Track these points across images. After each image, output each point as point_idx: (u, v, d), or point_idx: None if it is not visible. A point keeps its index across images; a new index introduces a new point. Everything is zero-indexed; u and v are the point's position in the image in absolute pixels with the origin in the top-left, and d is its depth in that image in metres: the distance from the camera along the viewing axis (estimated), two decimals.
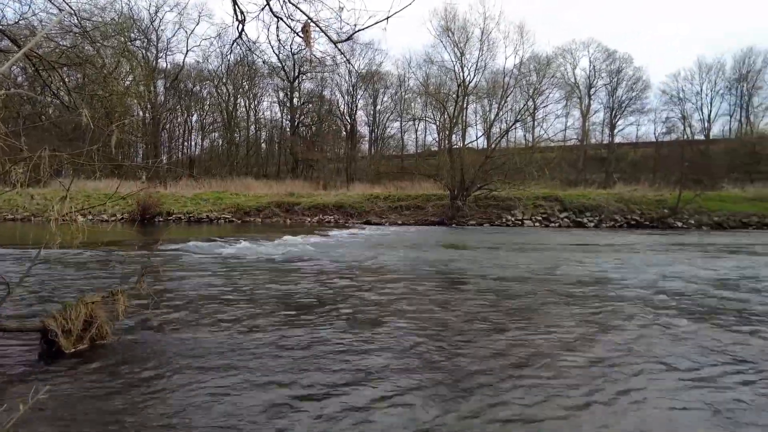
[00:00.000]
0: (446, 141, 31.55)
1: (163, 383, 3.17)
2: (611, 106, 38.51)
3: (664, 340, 4.35)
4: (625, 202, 24.57)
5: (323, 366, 3.56)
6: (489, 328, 4.71)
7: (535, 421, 2.77)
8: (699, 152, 32.98)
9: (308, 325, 4.71)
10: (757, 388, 3.29)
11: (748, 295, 6.45)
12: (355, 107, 40.77)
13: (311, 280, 7.36)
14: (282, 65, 36.82)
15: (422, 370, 3.56)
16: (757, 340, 4.42)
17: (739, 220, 22.94)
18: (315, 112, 41.32)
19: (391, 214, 25.27)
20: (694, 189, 24.26)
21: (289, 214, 25.77)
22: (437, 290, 6.87)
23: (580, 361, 3.78)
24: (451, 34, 31.20)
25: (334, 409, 2.85)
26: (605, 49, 38.05)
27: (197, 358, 3.65)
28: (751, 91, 37.06)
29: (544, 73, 32.41)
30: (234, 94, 40.63)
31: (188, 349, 3.88)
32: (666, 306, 5.75)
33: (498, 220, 24.10)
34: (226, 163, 38.42)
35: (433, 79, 36.24)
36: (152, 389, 3.08)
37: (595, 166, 37.04)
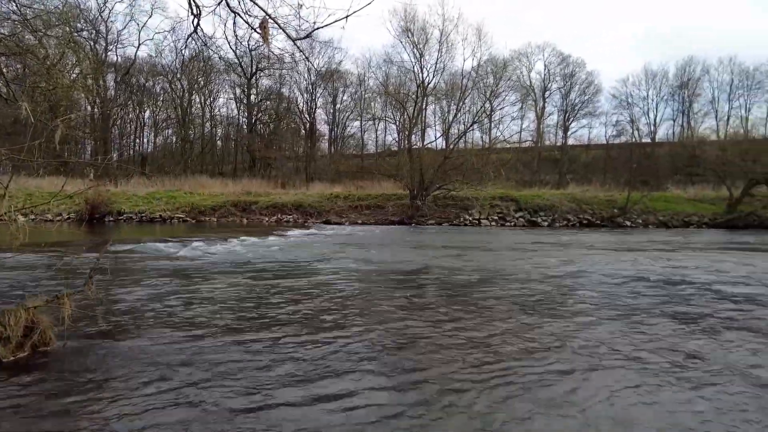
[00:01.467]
0: (406, 141, 31.75)
1: (111, 392, 3.03)
2: (564, 109, 39.78)
3: (625, 338, 4.52)
4: (578, 202, 25.43)
5: (277, 369, 3.49)
6: (445, 326, 4.76)
7: (495, 420, 2.81)
8: (646, 154, 34.53)
9: (264, 327, 4.62)
10: (695, 378, 3.46)
11: (676, 291, 6.80)
12: (314, 105, 40.40)
13: (268, 281, 7.23)
14: (239, 61, 36.08)
15: (378, 369, 3.55)
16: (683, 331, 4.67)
17: (682, 219, 24.17)
18: (273, 109, 40.64)
19: (351, 214, 25.19)
20: (641, 190, 25.37)
21: (245, 213, 25.25)
22: (395, 290, 6.89)
23: (525, 353, 3.88)
24: (410, 35, 31.39)
25: (286, 412, 2.81)
26: (559, 53, 39.29)
27: (148, 365, 3.51)
28: (691, 97, 39.15)
29: (501, 75, 33.08)
30: (189, 90, 39.43)
31: (139, 355, 3.73)
32: (618, 304, 5.98)
33: (456, 219, 24.44)
34: (180, 161, 37.24)
35: (392, 79, 36.38)
36: (98, 398, 2.93)
37: (549, 167, 38.15)
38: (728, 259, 10.79)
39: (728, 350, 4.15)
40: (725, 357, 3.96)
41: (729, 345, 4.29)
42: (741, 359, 3.92)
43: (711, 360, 3.87)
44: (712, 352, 4.06)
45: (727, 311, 5.57)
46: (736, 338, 4.50)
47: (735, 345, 4.29)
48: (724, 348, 4.21)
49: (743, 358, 3.94)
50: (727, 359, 3.90)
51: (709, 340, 4.41)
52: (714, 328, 4.84)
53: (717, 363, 3.80)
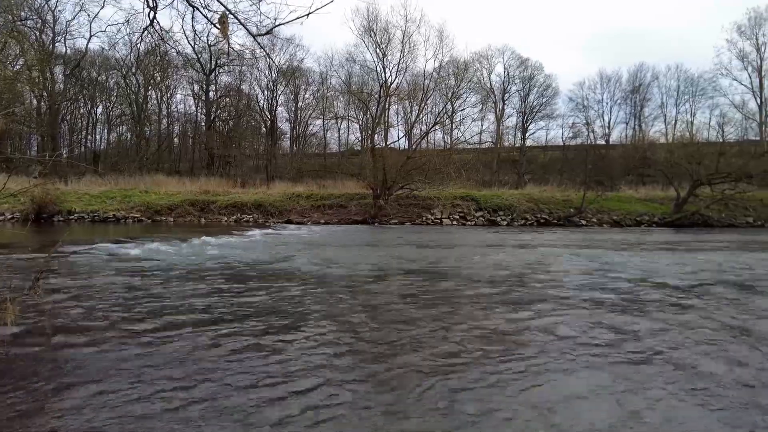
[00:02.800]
0: (369, 141, 31.77)
1: (57, 402, 2.89)
2: (523, 111, 40.67)
3: (581, 332, 4.65)
4: (535, 201, 26.09)
5: (234, 372, 3.42)
6: (406, 323, 4.78)
7: (457, 415, 2.84)
8: (600, 156, 35.77)
9: (220, 329, 4.52)
10: (645, 363, 3.61)
11: (633, 286, 7.09)
12: (275, 103, 39.80)
13: (225, 282, 7.08)
14: (198, 57, 35.13)
15: (339, 368, 3.53)
16: (642, 321, 4.87)
17: (634, 218, 25.19)
18: (233, 106, 39.77)
19: (313, 213, 24.97)
20: (596, 190, 26.27)
21: (204, 213, 24.63)
22: (358, 289, 6.87)
23: (485, 348, 3.94)
24: (373, 35, 31.46)
25: (246, 415, 2.75)
26: (519, 56, 40.15)
27: (99, 371, 3.37)
28: (642, 102, 40.86)
29: (462, 77, 33.58)
30: (144, 85, 38.10)
31: (89, 362, 3.57)
32: (574, 297, 6.17)
33: (419, 218, 24.63)
34: (135, 158, 35.93)
35: (355, 78, 36.33)
36: (42, 409, 2.79)
37: (508, 167, 38.96)
38: (675, 255, 11.32)
39: (672, 341, 4.34)
40: (667, 346, 4.14)
41: (668, 332, 4.49)
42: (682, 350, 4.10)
43: (652, 347, 4.04)
44: (651, 338, 4.24)
45: (670, 303, 5.84)
46: (679, 327, 4.71)
47: (676, 335, 4.50)
48: (670, 337, 4.40)
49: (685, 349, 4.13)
50: (667, 348, 4.08)
51: (649, 327, 4.60)
52: (655, 315, 5.06)
53: (658, 351, 3.97)
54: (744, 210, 25.39)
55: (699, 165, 25.39)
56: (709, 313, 5.46)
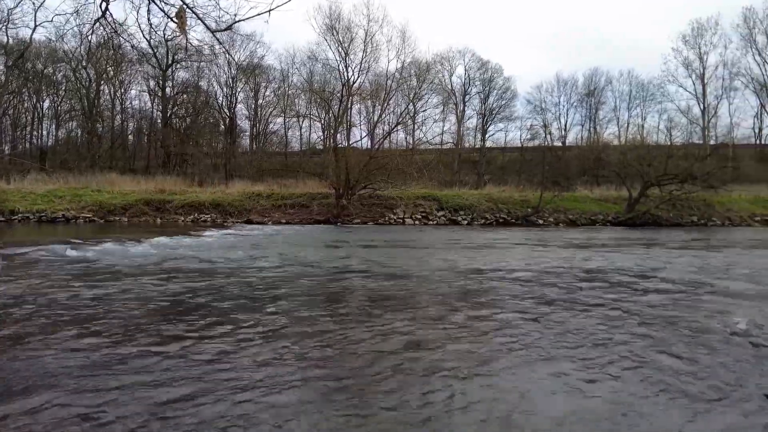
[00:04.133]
0: (331, 140, 31.60)
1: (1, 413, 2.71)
2: (483, 113, 41.43)
3: (534, 327, 4.75)
4: (495, 201, 26.60)
5: (194, 377, 3.31)
6: (365, 323, 4.76)
7: (417, 417, 2.84)
8: (557, 157, 36.82)
9: (175, 333, 4.37)
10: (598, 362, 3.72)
11: (584, 283, 7.33)
12: (234, 100, 39.01)
13: (182, 284, 6.86)
14: (153, 51, 33.97)
15: (298, 369, 3.47)
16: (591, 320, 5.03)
17: (589, 218, 26.06)
18: (190, 103, 38.69)
19: (274, 213, 24.59)
20: (552, 190, 27.02)
21: (159, 212, 23.85)
22: (319, 290, 6.80)
23: (445, 347, 3.97)
24: (335, 33, 31.30)
25: (202, 422, 2.66)
26: (479, 58, 40.85)
27: (46, 378, 3.18)
28: (597, 105, 42.41)
29: (424, 78, 33.88)
30: (96, 79, 36.54)
31: (35, 369, 3.37)
32: (532, 294, 6.31)
33: (381, 218, 24.65)
34: (86, 156, 34.41)
35: (317, 77, 36.02)
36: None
37: (469, 168, 39.59)
38: (627, 253, 11.77)
39: (622, 333, 4.50)
40: (617, 338, 4.29)
41: (621, 328, 4.65)
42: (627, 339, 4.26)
43: (605, 341, 4.18)
44: (603, 332, 4.38)
45: (627, 300, 6.05)
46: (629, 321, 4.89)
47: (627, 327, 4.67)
48: (621, 331, 4.56)
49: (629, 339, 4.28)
50: (616, 340, 4.23)
51: (607, 324, 4.76)
52: (611, 315, 5.24)
53: (610, 344, 4.11)
54: (689, 210, 26.69)
55: (649, 167, 26.51)
56: (653, 308, 5.70)
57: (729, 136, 39.58)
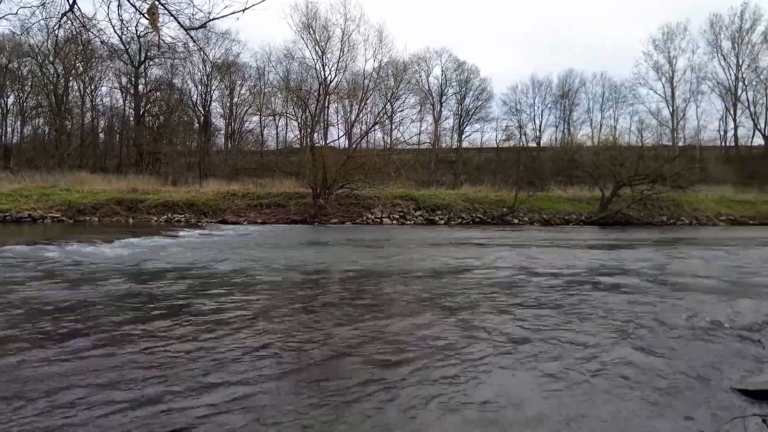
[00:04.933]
0: (308, 139, 31.37)
1: None
2: (460, 114, 41.71)
3: (508, 324, 4.79)
4: (471, 201, 26.83)
5: (165, 380, 3.24)
6: (342, 324, 4.74)
7: (397, 417, 2.83)
8: (532, 158, 37.33)
9: (149, 336, 4.27)
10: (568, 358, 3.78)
11: (556, 282, 7.45)
12: (209, 98, 38.38)
13: (155, 285, 6.72)
14: (125, 48, 33.16)
15: (278, 369, 3.43)
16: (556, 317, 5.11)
17: (563, 217, 26.50)
18: (164, 101, 37.91)
19: (250, 213, 24.29)
20: (527, 190, 27.38)
21: (131, 212, 23.30)
22: (297, 290, 6.74)
23: (420, 347, 3.98)
24: (312, 32, 31.10)
25: (181, 423, 2.60)
26: (456, 59, 41.08)
27: (12, 384, 3.07)
28: (570, 107, 43.15)
29: (401, 78, 33.95)
30: (65, 75, 35.47)
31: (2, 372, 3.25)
32: (506, 293, 6.37)
33: (359, 218, 24.60)
34: (54, 154, 33.39)
35: (294, 75, 35.72)
36: None
37: (445, 168, 39.84)
38: (600, 252, 12.01)
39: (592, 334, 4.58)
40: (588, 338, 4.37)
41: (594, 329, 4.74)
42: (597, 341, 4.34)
43: (566, 341, 4.25)
44: (566, 333, 4.45)
45: (603, 299, 6.17)
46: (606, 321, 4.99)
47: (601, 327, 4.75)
48: (589, 332, 4.64)
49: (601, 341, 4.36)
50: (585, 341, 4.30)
51: (580, 321, 4.84)
52: (584, 312, 5.33)
53: (585, 345, 4.18)
54: (659, 209, 27.38)
55: (621, 167, 27.10)
56: (630, 305, 5.82)
57: (696, 138, 40.83)
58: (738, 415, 2.81)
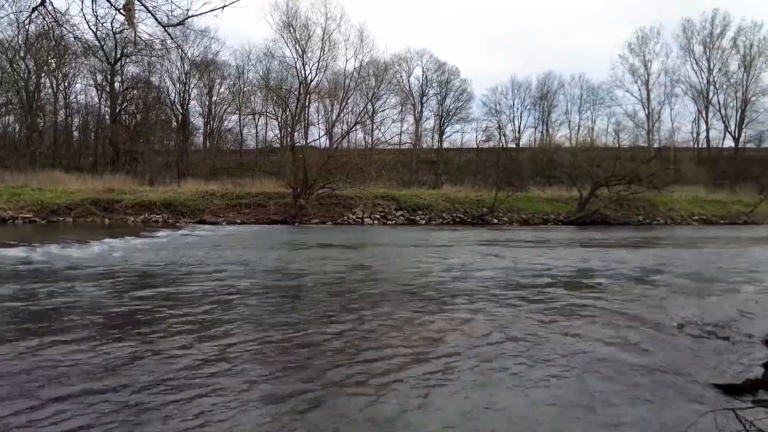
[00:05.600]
0: (288, 138, 31.15)
1: None
2: (440, 114, 41.89)
3: (486, 325, 4.83)
4: (452, 201, 26.99)
5: (145, 382, 3.18)
6: (327, 326, 4.72)
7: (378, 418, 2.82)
8: (511, 158, 37.72)
9: (127, 337, 4.19)
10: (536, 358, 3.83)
11: (532, 281, 7.55)
12: (187, 97, 37.80)
13: (132, 287, 6.59)
14: (100, 44, 32.42)
15: (257, 372, 3.40)
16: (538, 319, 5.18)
17: (541, 217, 26.83)
18: (141, 99, 37.22)
19: (229, 213, 24.00)
20: (507, 190, 27.66)
21: (108, 212, 22.82)
22: (276, 291, 6.69)
23: (401, 347, 3.99)
24: (292, 31, 30.88)
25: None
26: (436, 60, 41.24)
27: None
28: (549, 108, 43.70)
29: (382, 78, 33.95)
30: (36, 71, 34.52)
31: None
32: (489, 294, 6.42)
33: (340, 218, 24.52)
34: (25, 152, 32.48)
35: (274, 74, 35.40)
36: None
37: (426, 168, 40.00)
38: (578, 252, 12.20)
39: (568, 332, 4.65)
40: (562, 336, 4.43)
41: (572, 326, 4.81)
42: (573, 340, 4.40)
43: (539, 338, 4.31)
44: (541, 330, 4.52)
45: (572, 297, 6.27)
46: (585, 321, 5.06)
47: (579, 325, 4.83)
48: (569, 330, 4.71)
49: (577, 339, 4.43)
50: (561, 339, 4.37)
51: (559, 319, 4.91)
52: (563, 310, 5.41)
53: (551, 342, 4.24)
54: (636, 210, 27.93)
55: (598, 168, 27.57)
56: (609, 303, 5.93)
57: (671, 139, 41.81)
58: (711, 408, 2.88)
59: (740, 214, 28.79)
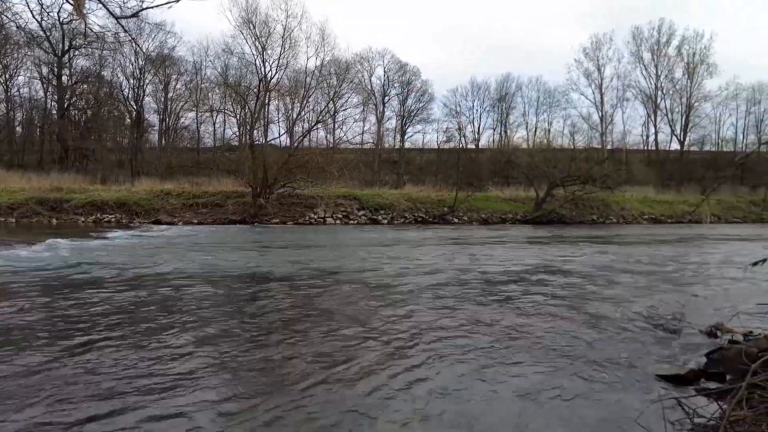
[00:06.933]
0: (248, 136, 30.53)
1: None
2: (402, 115, 42.11)
3: (446, 320, 4.89)
4: (413, 201, 27.22)
5: (100, 388, 3.05)
6: (279, 329, 4.66)
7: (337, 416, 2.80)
8: (471, 159, 38.31)
9: (74, 346, 4.01)
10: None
11: (490, 278, 7.71)
12: (142, 93, 36.50)
13: (81, 291, 6.31)
14: (46, 35, 30.86)
15: (217, 375, 3.32)
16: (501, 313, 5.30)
17: (500, 216, 27.41)
18: (92, 94, 35.66)
19: (185, 213, 23.35)
20: (467, 190, 28.10)
21: (55, 212, 21.78)
22: (232, 294, 6.56)
23: (359, 346, 3.99)
24: (252, 27, 30.21)
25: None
26: (398, 60, 41.39)
27: None
28: (507, 110, 44.65)
29: (344, 77, 33.74)
30: None
31: None
32: (449, 293, 6.50)
33: (301, 218, 24.27)
34: None
35: (233, 71, 34.58)
36: None
37: (388, 168, 40.12)
38: (535, 249, 12.53)
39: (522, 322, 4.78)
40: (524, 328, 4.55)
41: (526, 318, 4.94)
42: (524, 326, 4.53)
43: (506, 329, 4.41)
44: (508, 320, 4.63)
45: (530, 292, 6.43)
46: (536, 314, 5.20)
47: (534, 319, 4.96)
48: (526, 323, 4.83)
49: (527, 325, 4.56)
50: (521, 329, 4.48)
51: (517, 315, 5.03)
52: (521, 306, 5.54)
53: (512, 332, 4.34)
54: (590, 209, 28.94)
55: (554, 168, 28.39)
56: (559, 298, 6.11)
57: (623, 141, 43.51)
58: (658, 399, 3.01)
59: (685, 214, 30.32)
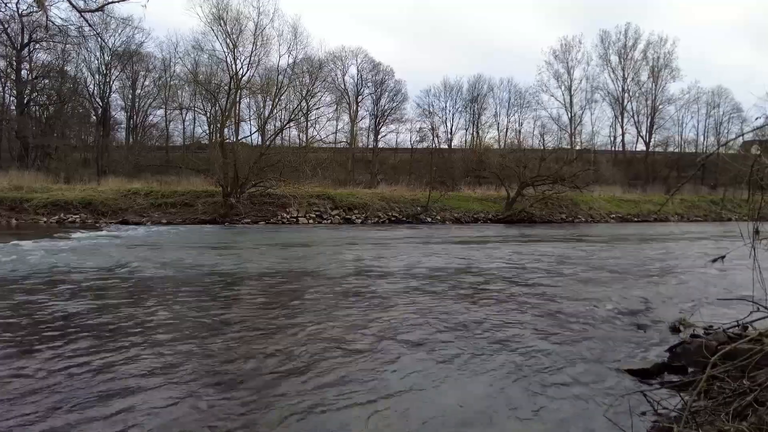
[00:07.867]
0: (218, 134, 29.99)
1: None
2: (375, 114, 42.11)
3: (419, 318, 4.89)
4: (387, 200, 27.25)
5: (69, 390, 2.93)
6: (251, 330, 4.59)
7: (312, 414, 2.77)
8: (444, 159, 38.58)
9: (51, 350, 3.86)
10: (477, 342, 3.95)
11: (464, 276, 7.78)
12: (108, 89, 35.49)
13: (47, 296, 6.09)
14: (3, 27, 29.69)
15: (191, 375, 3.24)
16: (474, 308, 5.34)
17: (472, 216, 27.72)
18: (54, 89, 34.45)
19: (154, 213, 22.80)
20: (440, 190, 28.31)
21: (15, 212, 20.97)
22: (201, 296, 6.43)
23: (335, 344, 3.96)
24: (223, 24, 29.69)
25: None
26: (371, 60, 41.34)
27: None
28: (479, 111, 45.15)
29: (317, 75, 33.52)
30: None
31: None
32: (418, 288, 6.52)
33: (273, 217, 24.00)
34: None
35: (203, 68, 33.89)
36: None
37: (362, 167, 40.06)
38: (506, 248, 12.70)
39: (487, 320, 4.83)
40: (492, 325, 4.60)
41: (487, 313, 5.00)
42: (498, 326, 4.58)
43: (480, 328, 4.45)
44: (481, 319, 4.67)
45: (504, 290, 6.51)
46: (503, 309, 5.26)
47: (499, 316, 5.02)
48: (490, 318, 4.88)
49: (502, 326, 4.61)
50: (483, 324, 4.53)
51: (486, 313, 5.08)
52: (490, 303, 5.60)
53: (483, 330, 4.38)
54: (559, 208, 29.55)
55: (525, 168, 28.84)
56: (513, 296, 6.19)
57: (591, 142, 44.52)
58: (624, 393, 3.07)
59: (651, 213, 31.24)
